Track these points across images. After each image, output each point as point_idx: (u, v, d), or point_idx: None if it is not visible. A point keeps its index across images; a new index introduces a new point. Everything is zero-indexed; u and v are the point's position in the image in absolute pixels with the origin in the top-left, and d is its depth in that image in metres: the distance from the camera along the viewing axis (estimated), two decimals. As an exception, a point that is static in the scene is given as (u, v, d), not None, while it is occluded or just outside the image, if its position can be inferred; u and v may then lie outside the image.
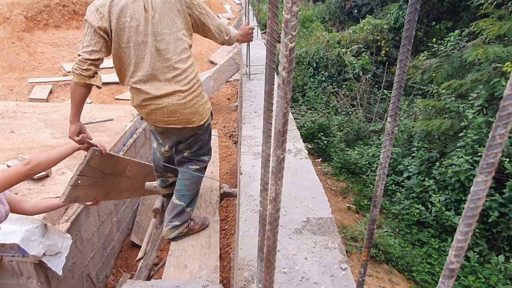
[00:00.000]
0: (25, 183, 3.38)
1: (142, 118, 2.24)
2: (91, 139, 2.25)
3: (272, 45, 0.41)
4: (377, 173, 0.60)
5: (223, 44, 2.30)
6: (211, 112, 2.32)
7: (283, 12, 0.33)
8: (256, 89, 3.10)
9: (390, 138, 0.54)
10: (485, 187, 0.34)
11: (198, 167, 2.35)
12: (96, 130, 4.55)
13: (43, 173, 3.46)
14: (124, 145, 4.48)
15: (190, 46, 2.06)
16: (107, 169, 2.29)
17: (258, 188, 1.64)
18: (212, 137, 4.20)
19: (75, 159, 3.82)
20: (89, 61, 1.91)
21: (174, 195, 2.33)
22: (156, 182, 2.76)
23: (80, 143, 2.15)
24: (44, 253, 2.58)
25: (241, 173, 1.74)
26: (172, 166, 2.44)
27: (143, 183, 2.85)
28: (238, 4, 18.45)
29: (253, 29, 2.52)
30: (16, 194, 3.21)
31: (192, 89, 2.04)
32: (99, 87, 2.03)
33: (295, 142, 2.13)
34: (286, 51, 0.33)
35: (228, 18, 18.89)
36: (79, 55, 1.91)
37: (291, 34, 0.32)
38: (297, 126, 7.77)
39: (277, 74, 0.78)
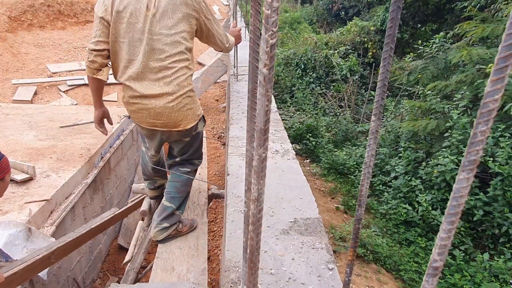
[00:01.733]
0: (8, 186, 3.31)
1: (129, 117, 2.23)
2: (111, 124, 2.43)
3: (255, 43, 0.41)
4: (362, 172, 0.60)
5: (221, 52, 2.28)
6: (203, 117, 2.28)
7: (263, 8, 0.32)
8: (244, 90, 3.10)
9: (374, 137, 0.54)
10: (467, 184, 0.34)
11: (188, 170, 2.34)
12: (82, 132, 4.48)
13: (27, 175, 3.40)
14: (110, 147, 4.43)
15: (190, 50, 2.02)
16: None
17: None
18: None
19: (61, 162, 3.76)
20: (95, 52, 1.94)
21: (164, 197, 2.31)
22: (143, 184, 2.74)
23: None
24: (28, 257, 2.52)
25: (228, 174, 1.73)
26: (162, 169, 2.42)
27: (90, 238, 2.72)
28: (226, 5, 18.44)
29: (241, 30, 2.52)
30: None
31: (181, 92, 1.99)
32: (105, 81, 2.06)
33: (282, 142, 2.12)
34: (267, 47, 0.32)
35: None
36: (88, 47, 1.97)
37: (272, 30, 0.32)
38: (285, 127, 7.77)
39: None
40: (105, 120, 2.40)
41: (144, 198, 2.88)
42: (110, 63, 2.04)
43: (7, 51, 7.57)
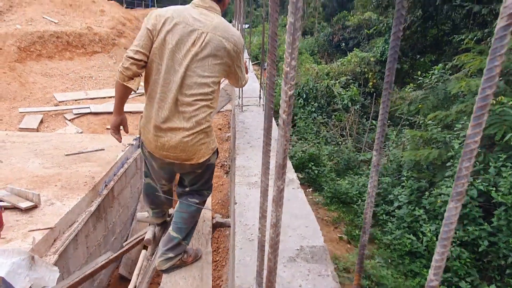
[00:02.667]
0: (12, 214, 3.32)
1: (141, 143, 2.21)
2: (127, 133, 2.28)
3: (271, 87, 0.45)
4: (366, 201, 0.64)
5: (237, 88, 2.34)
6: (217, 150, 2.28)
7: (284, 65, 0.37)
8: (248, 120, 3.16)
9: (376, 169, 0.58)
10: (455, 212, 0.38)
11: (197, 201, 2.32)
12: (87, 160, 4.53)
13: (32, 203, 3.41)
14: (114, 175, 4.46)
15: (215, 91, 2.06)
16: None
17: (252, 218, 1.66)
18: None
19: (65, 189, 3.78)
20: (132, 60, 1.92)
21: (171, 226, 2.29)
22: (146, 213, 2.75)
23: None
24: (30, 286, 2.50)
25: (236, 203, 1.76)
26: (171, 198, 2.42)
27: None
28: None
29: (246, 62, 2.60)
30: (3, 225, 3.14)
31: (199, 129, 2.01)
32: (134, 91, 2.02)
33: (287, 172, 2.15)
34: (286, 97, 0.37)
35: (220, 50, 19.22)
36: (126, 53, 1.95)
37: (290, 84, 0.37)
38: (288, 156, 7.81)
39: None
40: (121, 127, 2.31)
41: (139, 237, 2.88)
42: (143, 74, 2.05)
43: (16, 80, 7.76)
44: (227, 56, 2.01)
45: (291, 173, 2.11)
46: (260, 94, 3.73)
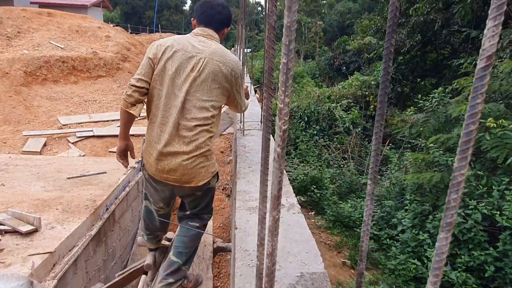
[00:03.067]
0: (12, 238, 3.31)
1: (143, 166, 2.24)
2: (134, 158, 2.34)
3: (267, 119, 0.47)
4: (362, 229, 0.64)
5: (238, 113, 2.41)
6: (217, 173, 2.30)
7: (278, 102, 0.39)
8: (250, 144, 3.18)
9: (371, 198, 0.59)
10: (446, 243, 0.38)
11: (197, 224, 2.32)
12: (88, 183, 4.53)
13: (32, 227, 3.40)
14: (116, 198, 4.45)
15: (215, 116, 2.12)
16: None
17: (253, 243, 1.64)
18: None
19: (66, 213, 3.77)
20: (134, 88, 2.01)
21: (171, 251, 2.28)
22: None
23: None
24: (27, 313, 2.46)
25: (236, 228, 1.75)
26: (167, 221, 2.42)
27: None
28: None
29: (247, 88, 2.66)
30: (2, 250, 3.12)
31: (198, 152, 2.04)
32: (136, 117, 2.11)
33: (288, 196, 2.15)
34: (280, 132, 0.39)
35: (222, 74, 19.48)
36: (129, 82, 2.06)
37: (284, 119, 0.38)
38: (290, 179, 7.77)
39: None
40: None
41: (132, 269, 2.85)
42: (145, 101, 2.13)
43: (21, 104, 7.87)
44: (225, 81, 2.08)
45: (292, 198, 2.11)
46: (261, 118, 3.77)
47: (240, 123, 3.58)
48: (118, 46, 11.68)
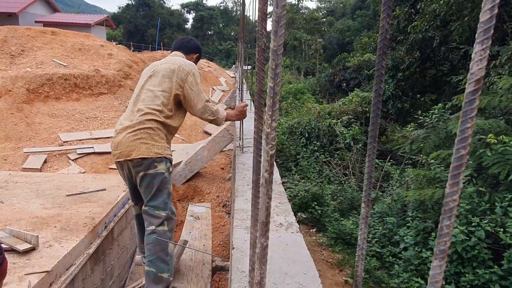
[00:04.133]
0: (10, 257, 3.26)
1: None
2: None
3: (258, 141, 0.46)
4: (357, 254, 0.63)
5: (210, 123, 2.65)
6: (170, 161, 2.48)
7: (265, 126, 0.38)
8: (249, 162, 3.16)
9: (365, 221, 0.58)
10: (440, 271, 0.37)
11: (154, 226, 2.35)
12: (88, 201, 4.51)
13: (30, 245, 3.36)
14: (115, 215, 4.41)
15: (167, 105, 2.47)
16: None
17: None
18: (205, 209, 4.17)
19: (64, 231, 3.73)
20: None
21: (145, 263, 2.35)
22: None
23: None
24: (22, 335, 2.40)
25: (233, 248, 1.72)
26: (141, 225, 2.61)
27: None
28: (232, 77, 19.45)
29: (247, 105, 2.69)
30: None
31: (140, 127, 2.35)
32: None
33: (286, 215, 2.13)
34: (267, 156, 0.38)
35: (223, 91, 19.72)
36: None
37: (271, 144, 0.38)
38: (290, 195, 7.70)
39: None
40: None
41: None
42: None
43: (22, 121, 7.90)
44: (174, 75, 2.49)
45: (290, 217, 2.08)
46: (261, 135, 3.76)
47: (240, 140, 3.57)
48: (120, 63, 11.81)
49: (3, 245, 3.34)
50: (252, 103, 6.30)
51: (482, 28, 0.30)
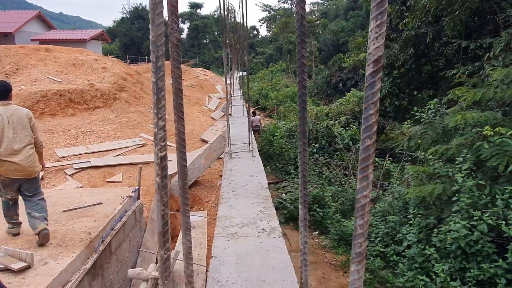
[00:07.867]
0: (4, 276, 3.22)
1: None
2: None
3: (181, 145, 0.43)
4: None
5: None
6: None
7: (154, 126, 0.35)
8: (236, 167, 3.12)
9: (304, 224, 0.54)
10: (358, 276, 0.33)
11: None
12: (84, 215, 4.47)
13: (25, 264, 3.32)
14: (112, 229, 4.37)
15: (32, 137, 3.76)
16: None
17: (227, 273, 1.54)
18: (200, 218, 4.12)
19: (60, 247, 3.69)
20: None
21: (32, 213, 3.69)
22: (139, 268, 2.65)
23: None
24: None
25: (212, 257, 1.67)
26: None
27: None
28: (228, 84, 19.50)
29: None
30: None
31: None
32: None
33: (270, 220, 2.07)
34: (157, 159, 0.34)
35: (220, 98, 19.72)
36: None
37: (160, 145, 0.34)
38: (291, 199, 7.62)
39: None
40: None
41: None
42: None
43: (19, 139, 7.88)
44: (28, 120, 3.70)
45: (274, 221, 2.02)
46: (249, 140, 3.72)
47: (228, 146, 3.53)
48: (114, 76, 11.82)
49: (-3, 265, 3.31)
50: (244, 107, 6.27)
51: (375, 2, 0.27)
